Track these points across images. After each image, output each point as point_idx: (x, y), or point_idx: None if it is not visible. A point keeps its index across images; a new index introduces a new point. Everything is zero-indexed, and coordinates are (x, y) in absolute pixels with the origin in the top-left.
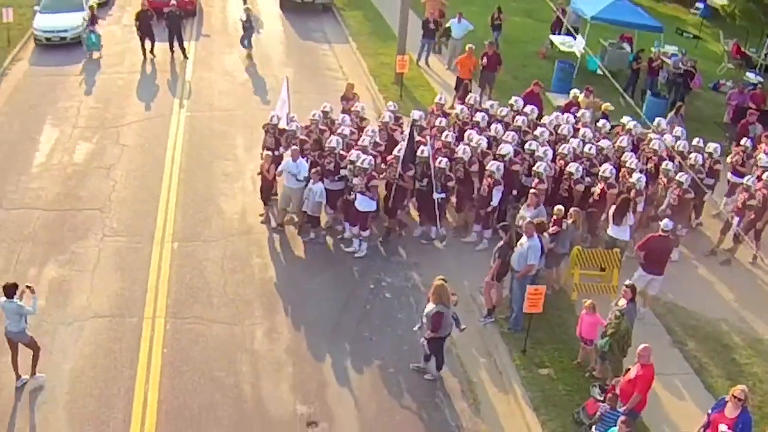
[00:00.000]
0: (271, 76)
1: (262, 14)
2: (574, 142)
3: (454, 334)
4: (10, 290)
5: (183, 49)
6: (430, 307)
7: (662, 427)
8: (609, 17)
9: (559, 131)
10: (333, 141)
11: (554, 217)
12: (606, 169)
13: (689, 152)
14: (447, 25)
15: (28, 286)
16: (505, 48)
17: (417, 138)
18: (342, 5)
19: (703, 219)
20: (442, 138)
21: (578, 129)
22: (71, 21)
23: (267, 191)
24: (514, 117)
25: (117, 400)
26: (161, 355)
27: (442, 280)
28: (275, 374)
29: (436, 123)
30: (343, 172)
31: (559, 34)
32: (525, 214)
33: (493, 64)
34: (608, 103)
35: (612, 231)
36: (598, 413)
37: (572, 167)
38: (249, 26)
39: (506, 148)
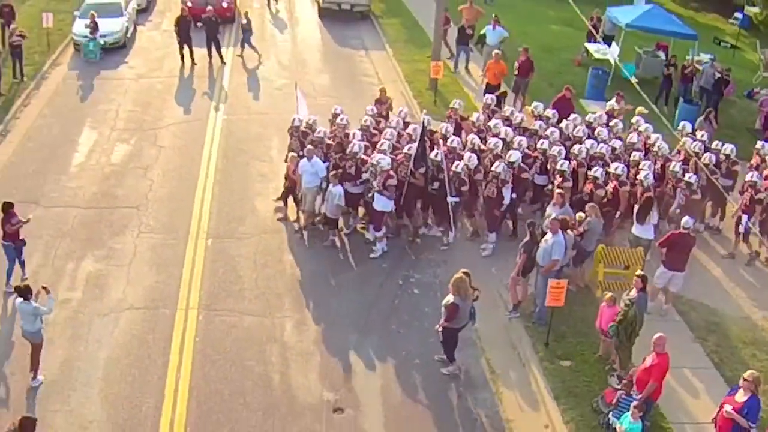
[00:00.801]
0: (307, 81)
1: (300, 22)
2: (588, 143)
3: (480, 328)
4: (26, 292)
5: (220, 55)
6: (449, 298)
7: (679, 416)
8: (643, 25)
9: (574, 132)
10: (355, 146)
11: (579, 220)
12: (617, 167)
13: (703, 153)
14: (482, 31)
15: (43, 287)
16: (542, 56)
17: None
18: (380, 13)
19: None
20: (448, 144)
21: (594, 128)
22: (110, 26)
23: (292, 191)
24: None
25: (150, 386)
26: (193, 345)
27: (465, 273)
28: (303, 364)
29: (442, 130)
30: (364, 176)
31: (595, 42)
32: (551, 212)
33: (525, 70)
34: (642, 107)
35: (636, 230)
36: (615, 400)
37: (597, 172)
38: (248, 29)
39: (515, 155)
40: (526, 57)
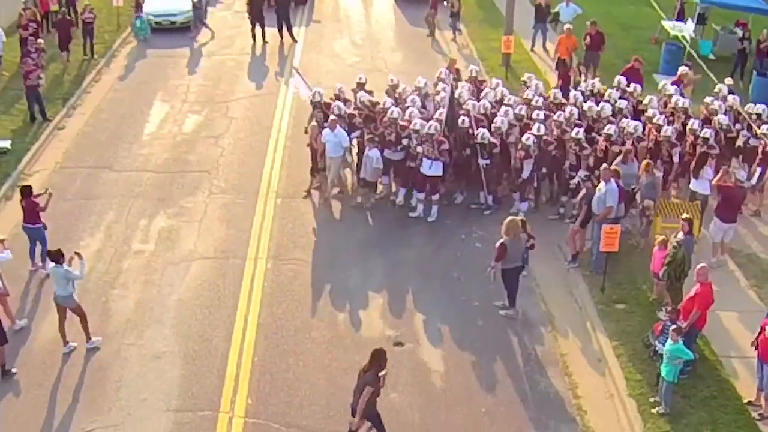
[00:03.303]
0: (380, 59)
1: (374, 2)
2: (607, 108)
3: (539, 277)
4: (57, 256)
5: (291, 34)
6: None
7: (727, 350)
8: (720, 1)
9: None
10: (394, 112)
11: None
12: (631, 124)
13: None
14: (555, 9)
15: (76, 253)
16: (618, 33)
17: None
18: None
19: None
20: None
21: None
22: (181, 5)
23: (315, 161)
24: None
25: (219, 322)
26: (262, 288)
27: (521, 220)
28: (367, 305)
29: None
30: (405, 141)
31: (680, 21)
32: (619, 168)
33: (596, 44)
34: (729, 79)
35: (693, 184)
36: (661, 328)
37: (610, 129)
38: (199, 6)
39: (541, 128)
40: (596, 31)
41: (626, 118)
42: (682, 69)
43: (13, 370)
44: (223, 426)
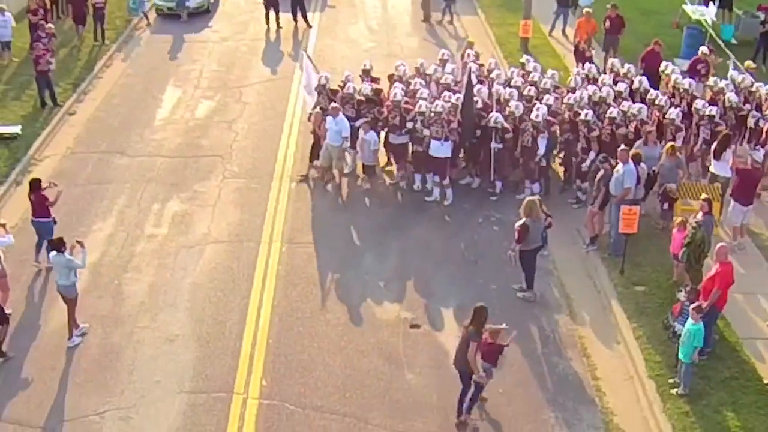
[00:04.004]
0: (396, 44)
1: None
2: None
3: (557, 260)
4: (58, 245)
5: (306, 19)
6: (520, 221)
7: (750, 332)
8: None
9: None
10: (397, 94)
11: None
12: (635, 107)
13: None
14: None
15: (78, 241)
16: (639, 18)
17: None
18: None
19: None
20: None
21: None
22: None
23: (317, 148)
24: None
25: (234, 305)
26: (276, 272)
27: (537, 199)
28: (383, 287)
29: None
30: (409, 125)
31: (702, 5)
32: (641, 150)
33: (616, 28)
34: (749, 62)
35: (714, 167)
36: (680, 308)
37: (613, 113)
38: None
39: (551, 100)
40: (615, 14)
41: (626, 101)
42: (702, 49)
43: (10, 354)
44: (238, 407)
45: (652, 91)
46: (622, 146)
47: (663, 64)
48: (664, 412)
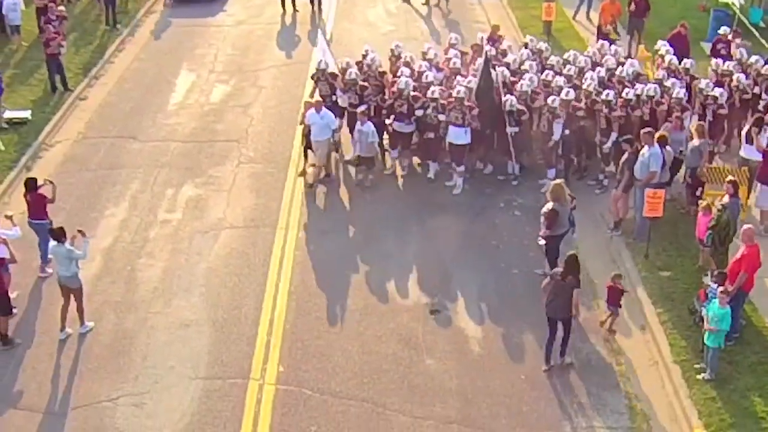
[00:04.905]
0: (415, 27)
1: None
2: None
3: (581, 245)
4: (59, 234)
5: (320, 4)
6: (548, 205)
7: None
8: None
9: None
10: (402, 83)
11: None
12: (650, 88)
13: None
14: None
15: (79, 231)
16: (666, 1)
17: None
18: None
19: None
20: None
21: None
22: None
23: (306, 137)
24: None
25: (249, 290)
26: (293, 257)
27: (561, 184)
28: (402, 273)
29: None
30: (418, 113)
31: None
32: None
33: (641, 10)
34: None
35: (744, 151)
36: (706, 292)
37: (629, 95)
38: None
39: (570, 93)
40: None
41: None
42: (723, 29)
43: (17, 341)
44: (254, 393)
45: (659, 71)
46: (646, 129)
47: (658, 43)
48: (690, 398)
